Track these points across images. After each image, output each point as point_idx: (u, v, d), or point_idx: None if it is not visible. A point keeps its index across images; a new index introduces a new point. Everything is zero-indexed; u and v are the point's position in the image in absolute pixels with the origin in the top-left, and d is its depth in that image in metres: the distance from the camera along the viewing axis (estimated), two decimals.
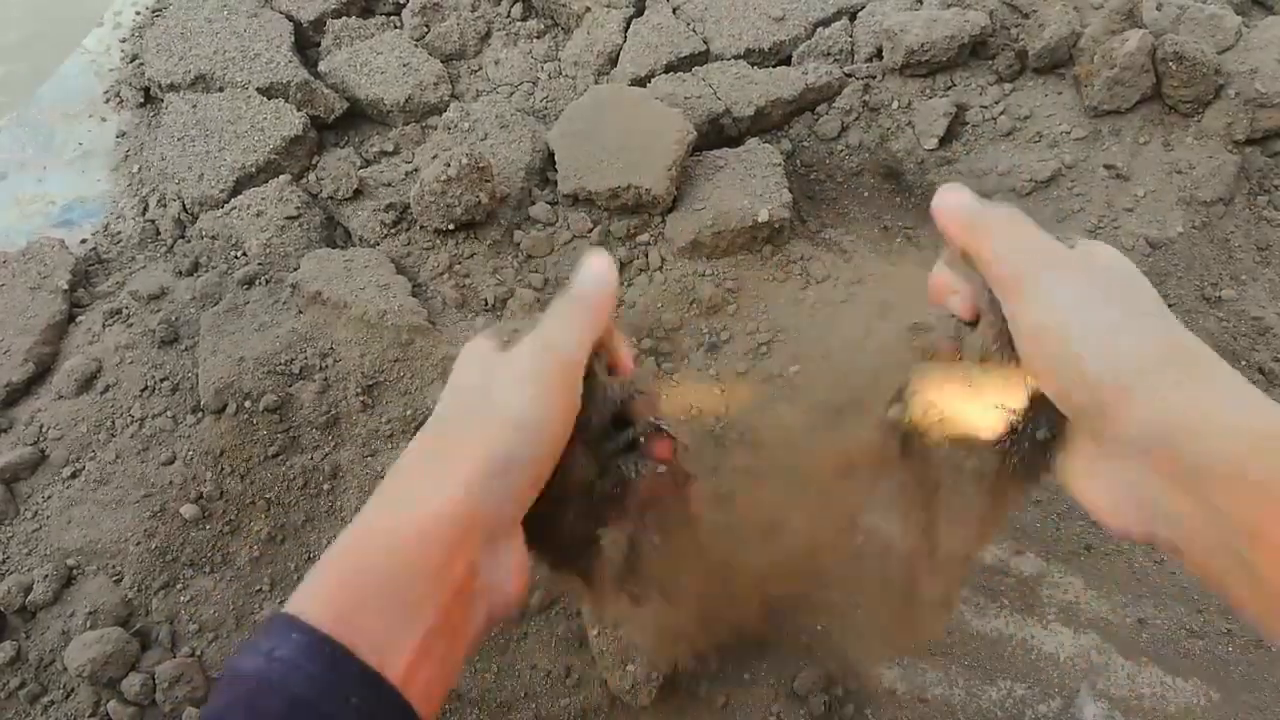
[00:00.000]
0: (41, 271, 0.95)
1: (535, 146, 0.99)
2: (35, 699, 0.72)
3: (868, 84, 1.04)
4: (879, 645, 0.69)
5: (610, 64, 1.11)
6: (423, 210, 0.91)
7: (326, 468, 0.81)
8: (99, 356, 0.88)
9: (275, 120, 1.03)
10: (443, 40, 1.16)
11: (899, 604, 0.53)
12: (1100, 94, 0.94)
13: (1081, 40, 0.98)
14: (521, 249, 0.94)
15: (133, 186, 1.08)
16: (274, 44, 1.11)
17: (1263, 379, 0.85)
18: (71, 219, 1.07)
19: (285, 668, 0.31)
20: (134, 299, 0.93)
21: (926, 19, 1.01)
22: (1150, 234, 0.89)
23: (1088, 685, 0.70)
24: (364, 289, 0.88)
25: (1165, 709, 0.68)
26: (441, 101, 1.09)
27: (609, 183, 0.92)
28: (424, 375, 0.84)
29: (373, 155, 1.07)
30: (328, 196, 1.00)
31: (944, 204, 0.43)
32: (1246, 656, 0.71)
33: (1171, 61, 0.92)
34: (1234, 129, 0.92)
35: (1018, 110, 0.99)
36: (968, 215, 0.41)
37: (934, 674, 0.71)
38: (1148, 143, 0.95)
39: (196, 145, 1.03)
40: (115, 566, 0.76)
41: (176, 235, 1.01)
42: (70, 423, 0.83)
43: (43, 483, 0.81)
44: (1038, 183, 0.95)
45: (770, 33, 1.09)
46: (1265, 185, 0.95)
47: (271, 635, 0.32)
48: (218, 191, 1.00)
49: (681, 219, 0.93)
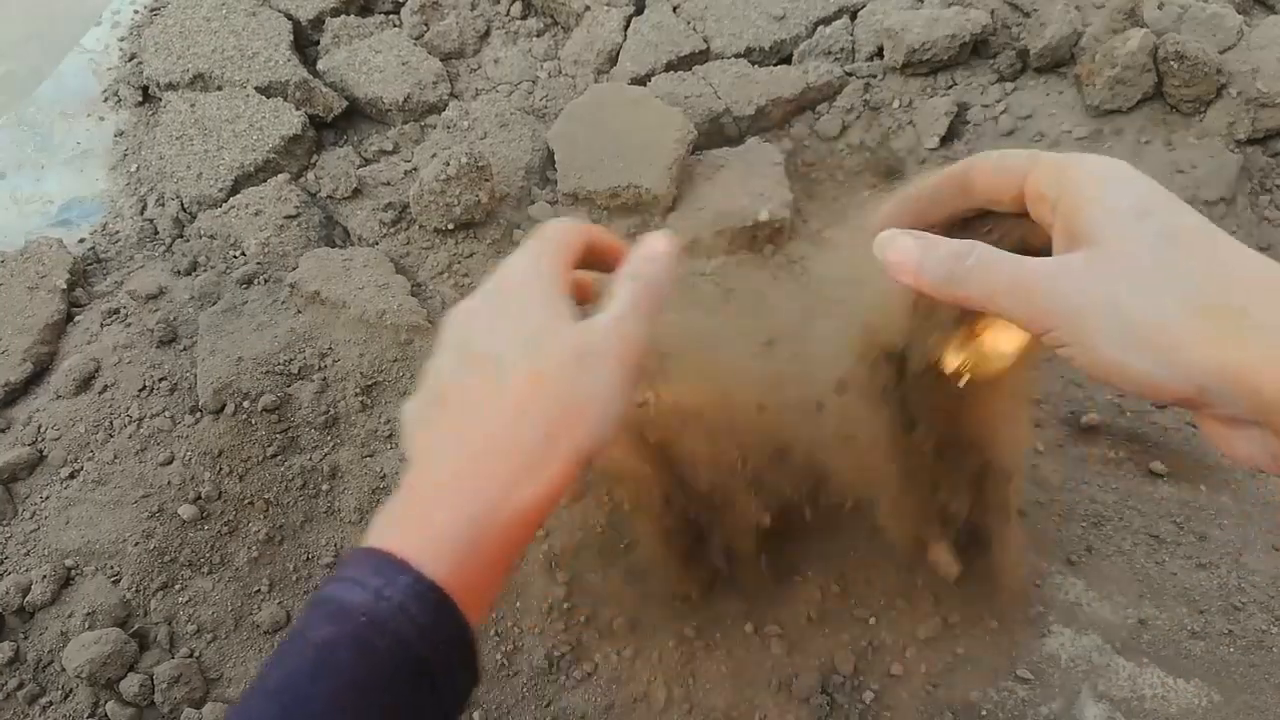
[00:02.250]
0: (39, 271, 0.95)
1: (535, 146, 0.99)
2: (34, 699, 0.71)
3: (868, 83, 1.04)
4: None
5: (610, 63, 1.10)
6: (422, 209, 0.91)
7: (325, 468, 0.81)
8: (97, 356, 0.87)
9: (274, 119, 1.03)
10: (442, 39, 1.16)
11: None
12: (1102, 93, 0.94)
13: (1083, 39, 0.98)
14: None
15: (131, 186, 1.07)
16: (272, 43, 1.11)
17: None
18: (69, 218, 1.07)
19: (393, 609, 0.32)
20: (132, 298, 0.92)
21: (928, 18, 1.01)
22: None
23: (1089, 686, 0.69)
24: (363, 288, 0.88)
25: (1166, 710, 0.68)
26: (441, 100, 1.09)
27: (609, 182, 0.92)
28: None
29: (372, 154, 1.06)
30: (327, 196, 1.00)
31: (895, 261, 0.36)
32: (1248, 658, 0.71)
33: (1173, 61, 0.92)
34: (1236, 128, 0.92)
35: (1019, 109, 0.98)
36: (942, 267, 0.34)
37: (934, 674, 0.70)
38: (1149, 142, 0.94)
39: (195, 144, 1.03)
40: (113, 567, 0.76)
41: (175, 235, 1.00)
42: (68, 423, 0.83)
43: (41, 483, 0.81)
44: None
45: (771, 31, 1.09)
46: (1267, 185, 0.94)
47: (381, 573, 0.33)
48: (216, 191, 1.00)
49: (681, 218, 0.92)
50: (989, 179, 0.38)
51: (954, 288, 0.33)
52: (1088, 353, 0.30)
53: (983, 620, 0.73)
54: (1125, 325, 0.29)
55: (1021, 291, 0.32)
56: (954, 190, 0.40)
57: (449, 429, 0.37)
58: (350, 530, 0.79)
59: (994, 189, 0.38)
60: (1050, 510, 0.78)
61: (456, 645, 0.34)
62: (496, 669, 0.71)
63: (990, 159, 0.38)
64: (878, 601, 0.72)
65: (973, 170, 0.39)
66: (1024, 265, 0.32)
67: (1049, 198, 0.34)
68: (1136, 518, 0.78)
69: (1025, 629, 0.72)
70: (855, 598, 0.72)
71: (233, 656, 0.73)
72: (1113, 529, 0.77)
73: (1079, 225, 0.31)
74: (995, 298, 0.32)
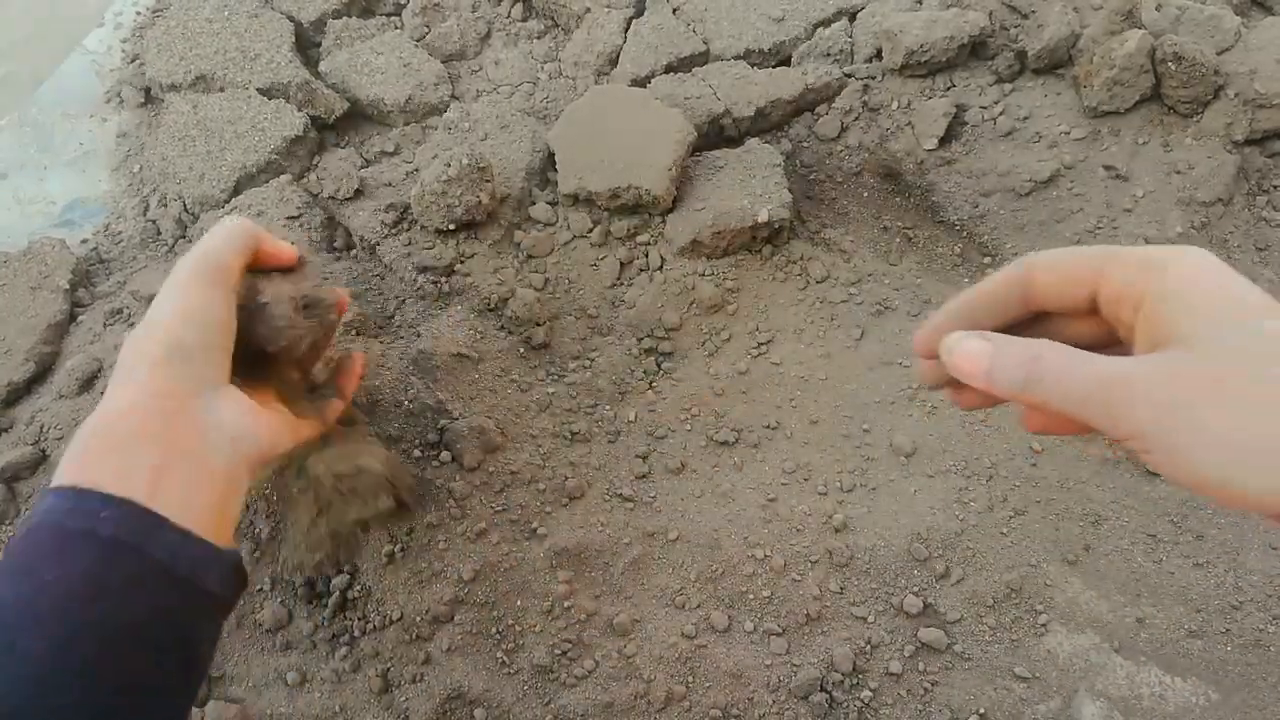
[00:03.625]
0: (42, 271, 0.95)
1: (535, 147, 1.00)
2: None
3: (867, 84, 1.04)
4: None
5: (610, 64, 1.11)
6: (423, 210, 0.91)
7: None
8: (100, 356, 0.88)
9: (276, 120, 1.04)
10: (443, 40, 1.16)
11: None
12: (1099, 94, 0.95)
13: (1081, 41, 0.99)
14: (522, 249, 0.94)
15: (134, 186, 1.08)
16: (274, 44, 1.11)
17: None
18: (72, 219, 1.07)
19: (42, 516, 0.40)
20: (135, 299, 0.93)
21: (926, 19, 1.01)
22: (1149, 234, 0.89)
23: (1086, 685, 0.70)
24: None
25: (1164, 709, 0.68)
26: (442, 102, 1.09)
27: (609, 183, 0.92)
28: None
29: (373, 155, 1.07)
30: (328, 196, 1.00)
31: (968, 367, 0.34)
32: (1245, 656, 0.71)
33: (1171, 62, 0.92)
34: (1233, 129, 0.92)
35: (1017, 111, 0.99)
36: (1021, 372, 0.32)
37: (931, 672, 0.71)
38: (1147, 143, 0.95)
39: (197, 145, 1.03)
40: None
41: (177, 235, 1.01)
42: (71, 422, 0.84)
43: (43, 482, 0.81)
44: (1037, 183, 0.95)
45: (770, 33, 1.09)
46: (1264, 186, 0.95)
47: (34, 505, 0.42)
48: (218, 191, 1.00)
49: (681, 219, 0.93)
50: (1055, 283, 0.35)
51: (1029, 392, 0.32)
52: (1175, 462, 0.28)
53: (983, 619, 0.73)
54: (1235, 439, 0.27)
55: (1102, 395, 0.30)
56: (1013, 294, 0.37)
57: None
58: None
59: (1062, 294, 0.35)
60: (1048, 509, 0.78)
61: (108, 509, 0.40)
62: (497, 667, 0.71)
63: (1054, 259, 0.35)
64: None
65: (1035, 271, 0.36)
66: (1106, 367, 0.30)
67: (1129, 297, 0.32)
68: (1134, 517, 0.78)
69: (1023, 627, 0.73)
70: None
71: (234, 655, 0.73)
72: (1110, 528, 0.78)
73: (1164, 326, 0.30)
74: (1073, 402, 0.31)
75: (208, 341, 0.48)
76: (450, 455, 0.78)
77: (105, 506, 0.40)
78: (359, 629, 0.72)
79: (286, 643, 0.73)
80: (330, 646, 0.72)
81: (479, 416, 0.81)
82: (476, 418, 0.80)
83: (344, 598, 0.73)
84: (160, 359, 0.46)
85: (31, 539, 0.39)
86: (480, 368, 0.85)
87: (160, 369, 0.46)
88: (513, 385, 0.86)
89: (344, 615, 0.73)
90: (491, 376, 0.85)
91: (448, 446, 0.78)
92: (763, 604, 0.74)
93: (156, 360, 0.46)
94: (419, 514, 0.74)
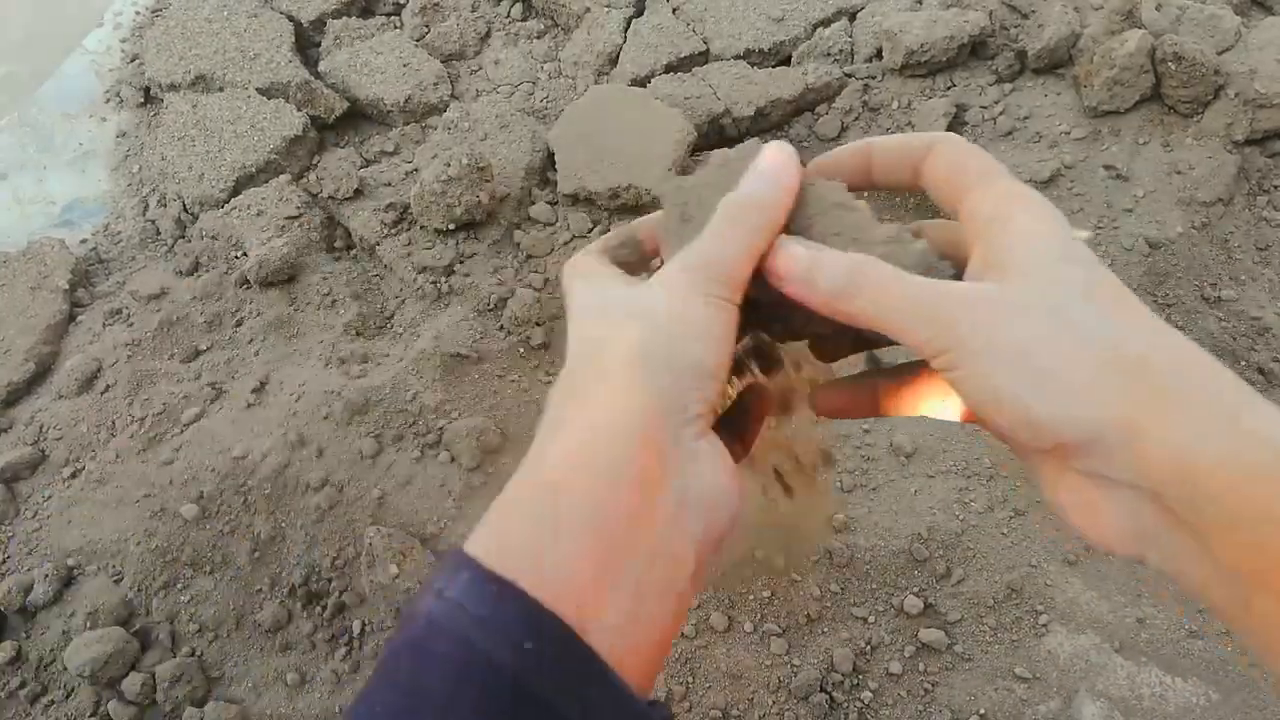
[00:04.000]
0: (42, 271, 0.95)
1: (535, 146, 0.99)
2: (36, 699, 0.72)
3: (867, 84, 1.04)
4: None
5: (610, 64, 1.11)
6: (423, 210, 0.91)
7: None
8: (99, 356, 0.88)
9: (275, 120, 1.03)
10: (443, 40, 1.16)
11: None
12: (1100, 94, 0.95)
13: (1081, 41, 0.98)
14: (521, 249, 0.94)
15: (133, 186, 1.08)
16: (274, 44, 1.11)
17: (1262, 379, 0.85)
18: (72, 219, 1.07)
19: (451, 608, 0.27)
20: (134, 298, 0.93)
21: (926, 19, 1.01)
22: (1150, 234, 0.89)
23: (1087, 685, 0.70)
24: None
25: (1164, 709, 0.68)
26: (441, 101, 1.09)
27: (609, 182, 0.92)
28: None
29: (373, 155, 1.07)
30: (328, 196, 1.00)
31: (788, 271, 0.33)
32: (1244, 657, 0.71)
33: (1171, 62, 0.92)
34: (1233, 129, 0.92)
35: (1017, 110, 0.99)
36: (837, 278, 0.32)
37: (932, 672, 0.71)
38: (1147, 143, 0.95)
39: (197, 145, 1.03)
40: (115, 566, 0.76)
41: (177, 235, 1.01)
42: (70, 422, 0.84)
43: (43, 482, 0.81)
44: (1037, 183, 0.95)
45: (770, 33, 1.09)
46: (1264, 185, 0.95)
47: (444, 572, 0.28)
48: (218, 191, 1.00)
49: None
50: (891, 158, 0.37)
51: (846, 299, 0.32)
52: (979, 381, 0.29)
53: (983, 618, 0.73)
54: (1031, 363, 0.29)
55: (928, 308, 0.30)
56: (855, 165, 0.38)
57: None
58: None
59: (898, 165, 0.37)
60: (1048, 510, 0.78)
61: (551, 644, 0.27)
62: None
63: (892, 137, 0.37)
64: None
65: (873, 146, 0.38)
66: (931, 284, 0.31)
67: (957, 181, 0.34)
68: None
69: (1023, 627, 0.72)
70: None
71: (234, 655, 0.73)
72: None
73: (1002, 256, 0.31)
74: (892, 312, 0.31)
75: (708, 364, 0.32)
76: (450, 455, 0.78)
77: (526, 632, 0.27)
78: (358, 630, 0.72)
79: (286, 643, 0.73)
80: (330, 647, 0.72)
81: (479, 416, 0.81)
82: (476, 418, 0.80)
83: (341, 600, 0.73)
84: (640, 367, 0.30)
85: (424, 651, 0.27)
86: (480, 368, 0.85)
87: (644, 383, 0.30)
88: (512, 385, 0.85)
89: (343, 616, 0.73)
90: (492, 376, 0.85)
91: (447, 446, 0.78)
92: (763, 604, 0.74)
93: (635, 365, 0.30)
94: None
